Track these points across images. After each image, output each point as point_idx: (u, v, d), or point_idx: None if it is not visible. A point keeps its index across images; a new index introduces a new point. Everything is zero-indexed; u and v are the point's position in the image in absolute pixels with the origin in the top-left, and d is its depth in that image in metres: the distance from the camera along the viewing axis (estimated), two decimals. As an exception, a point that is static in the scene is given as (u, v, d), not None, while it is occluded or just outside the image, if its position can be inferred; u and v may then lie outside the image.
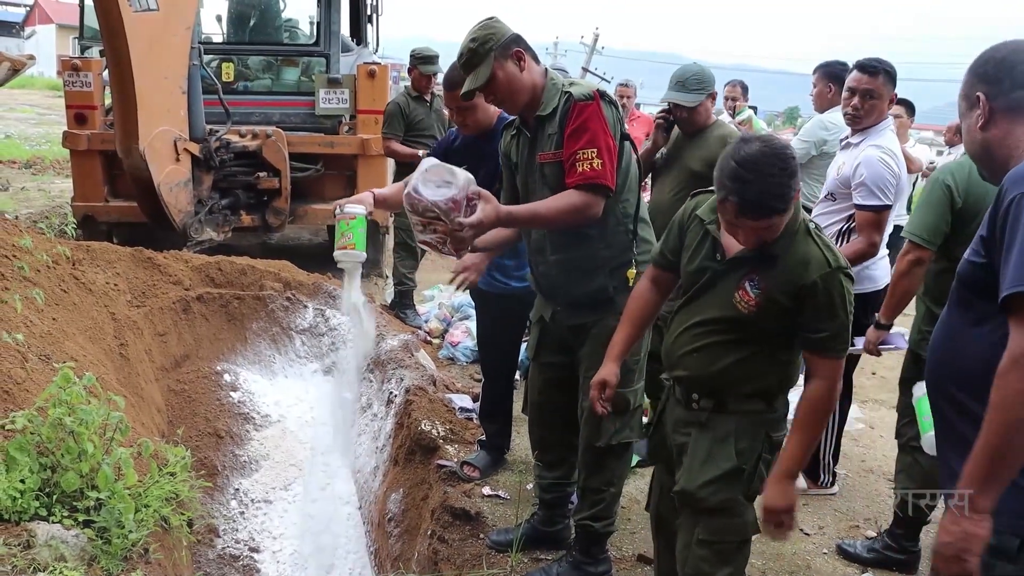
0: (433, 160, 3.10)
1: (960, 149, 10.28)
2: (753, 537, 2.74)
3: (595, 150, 3.00)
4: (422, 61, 6.58)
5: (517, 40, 3.14)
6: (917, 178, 8.60)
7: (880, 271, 4.10)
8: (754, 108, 7.93)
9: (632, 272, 3.18)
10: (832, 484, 4.50)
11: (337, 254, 3.47)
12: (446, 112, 6.67)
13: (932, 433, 2.28)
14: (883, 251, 4.11)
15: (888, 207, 3.89)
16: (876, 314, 3.80)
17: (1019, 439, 1.75)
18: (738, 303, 2.56)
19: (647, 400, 3.60)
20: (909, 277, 3.55)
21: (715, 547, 2.68)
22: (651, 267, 2.94)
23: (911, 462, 3.70)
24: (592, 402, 2.95)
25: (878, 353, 3.91)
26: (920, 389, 3.04)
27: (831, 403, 2.58)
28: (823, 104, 5.11)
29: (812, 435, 2.59)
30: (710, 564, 2.68)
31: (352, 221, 3.39)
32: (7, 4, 63.48)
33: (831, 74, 5.02)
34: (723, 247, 2.62)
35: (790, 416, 2.72)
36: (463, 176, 2.97)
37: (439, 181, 2.96)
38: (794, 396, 2.67)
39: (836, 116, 4.83)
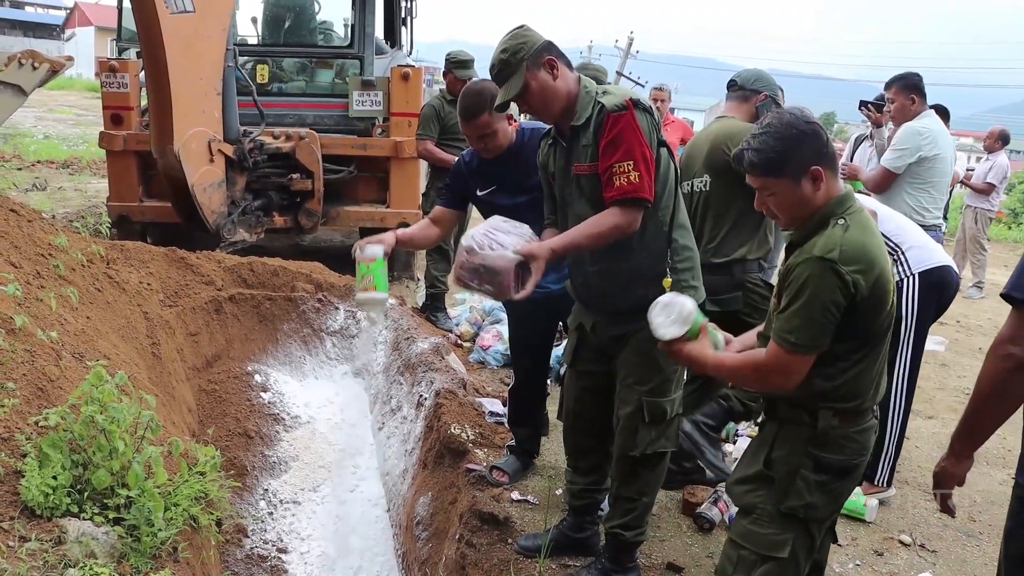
0: (498, 218, 3.18)
1: (999, 156, 10.16)
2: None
3: (632, 162, 2.96)
4: (457, 65, 6.57)
5: (549, 48, 3.10)
6: (954, 188, 8.51)
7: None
8: None
9: (668, 281, 3.11)
10: (889, 485, 4.45)
11: (360, 296, 3.47)
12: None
13: None
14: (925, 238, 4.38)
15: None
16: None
17: (985, 408, 2.31)
18: (773, 298, 2.55)
19: None
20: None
21: (739, 551, 2.62)
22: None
23: None
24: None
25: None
26: None
27: (753, 377, 2.54)
28: (906, 115, 5.09)
29: (732, 365, 2.58)
30: (732, 566, 2.63)
31: (372, 264, 3.38)
32: (48, 7, 64.52)
33: (910, 85, 5.08)
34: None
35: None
36: (525, 235, 3.10)
37: (492, 267, 3.00)
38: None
39: (928, 122, 5.00)
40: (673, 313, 2.63)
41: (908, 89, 5.06)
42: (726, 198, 4.03)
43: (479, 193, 3.90)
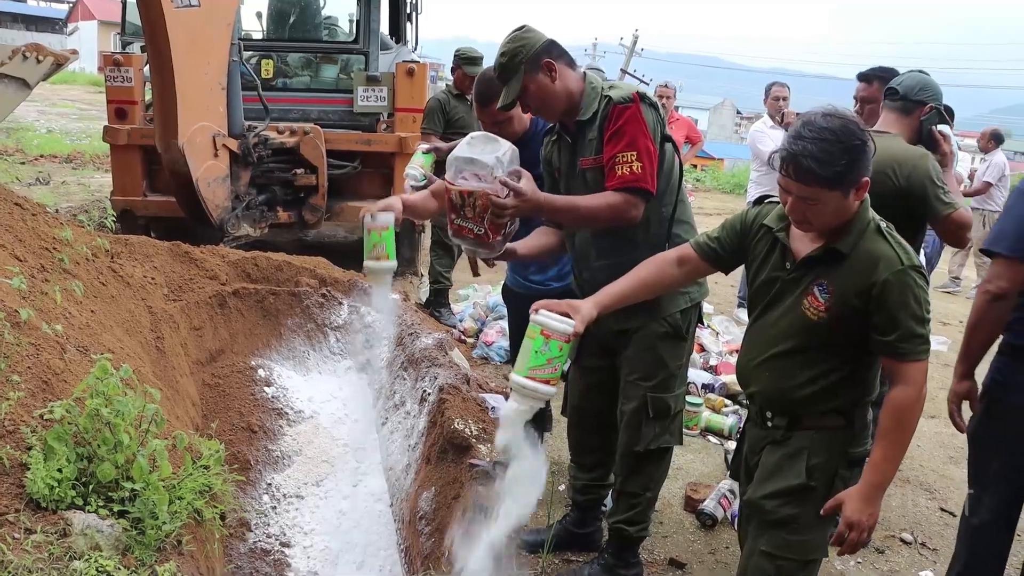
0: (479, 132, 3.10)
1: (995, 155, 10.13)
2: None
3: (635, 153, 2.96)
4: (467, 62, 6.59)
5: (549, 50, 3.10)
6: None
7: None
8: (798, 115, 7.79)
9: None
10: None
11: (371, 265, 3.46)
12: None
13: None
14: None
15: None
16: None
17: (974, 335, 3.08)
18: (807, 310, 2.46)
19: None
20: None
21: (776, 562, 2.58)
22: (687, 246, 2.82)
23: None
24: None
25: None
26: None
27: (917, 410, 2.40)
28: None
29: (899, 445, 2.43)
30: None
31: (384, 232, 3.37)
32: (50, 1, 64.52)
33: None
34: (792, 253, 2.53)
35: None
36: (507, 143, 2.97)
37: (482, 148, 2.95)
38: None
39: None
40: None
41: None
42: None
43: None
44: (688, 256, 2.79)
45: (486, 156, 2.92)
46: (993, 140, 10.40)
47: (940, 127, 3.81)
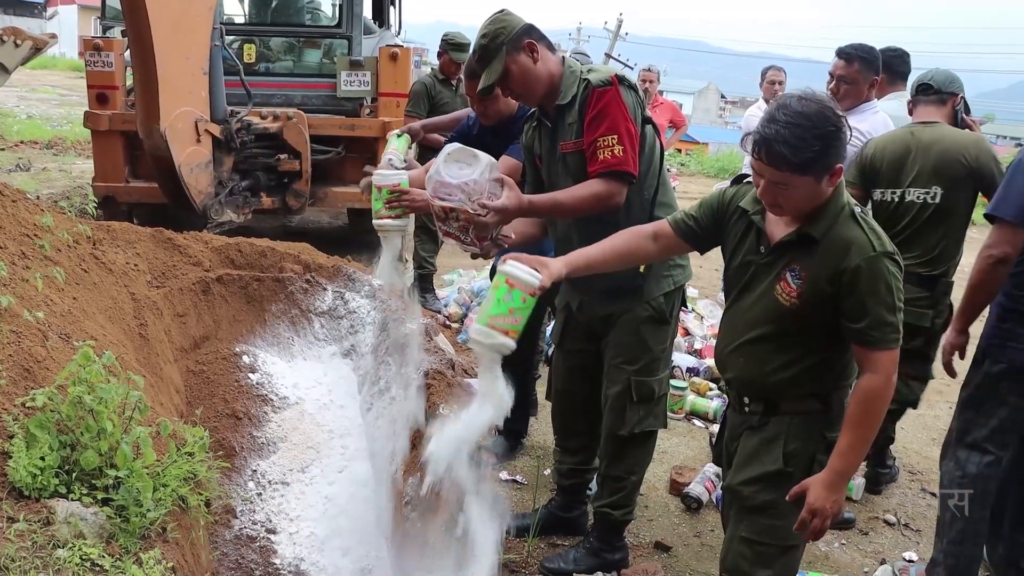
0: (456, 144, 3.07)
1: None
2: None
3: (615, 136, 2.96)
4: (454, 47, 6.57)
5: (529, 31, 3.10)
6: None
7: None
8: None
9: None
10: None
11: (385, 223, 3.45)
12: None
13: None
14: None
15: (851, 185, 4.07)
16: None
17: (974, 295, 3.31)
18: (780, 296, 2.44)
19: None
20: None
21: (756, 547, 2.57)
22: (664, 221, 2.78)
23: None
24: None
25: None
26: None
27: (885, 399, 2.36)
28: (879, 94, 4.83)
29: (865, 434, 2.39)
30: (749, 563, 2.59)
31: (394, 191, 3.37)
32: (30, -15, 63.77)
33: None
34: (767, 237, 2.50)
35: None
36: (486, 159, 2.94)
37: (462, 164, 2.92)
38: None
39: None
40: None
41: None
42: (959, 211, 3.94)
43: None
44: (664, 231, 2.76)
45: (463, 177, 2.90)
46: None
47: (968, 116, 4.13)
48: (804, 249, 2.41)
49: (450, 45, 6.60)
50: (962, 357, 3.48)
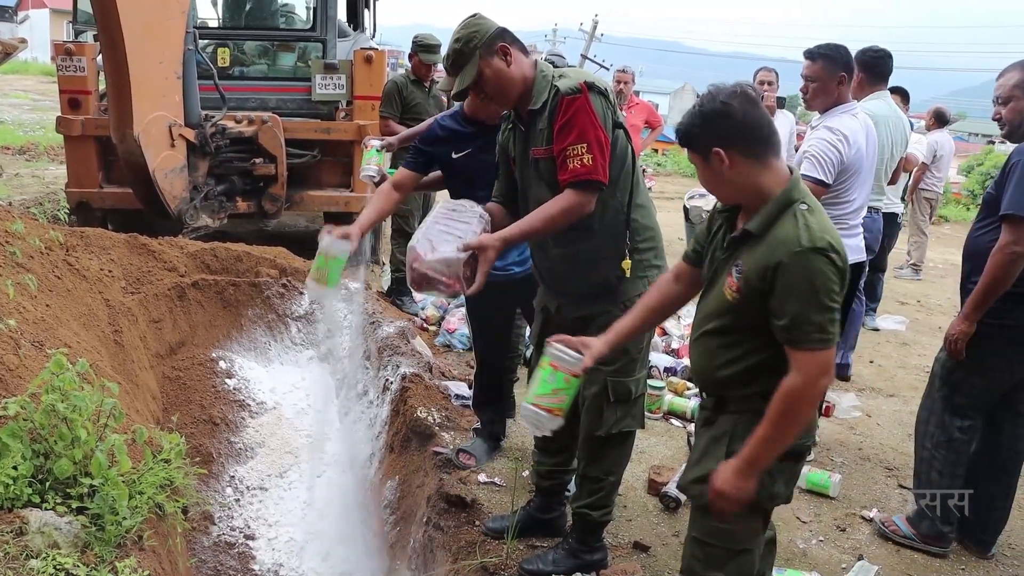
0: (447, 206, 3.19)
1: (938, 135, 9.91)
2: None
3: (585, 144, 2.97)
4: (424, 49, 6.55)
5: (502, 35, 3.11)
6: (909, 175, 8.48)
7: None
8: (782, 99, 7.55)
9: (627, 263, 3.15)
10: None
11: (311, 285, 3.48)
12: (444, 98, 6.66)
13: None
14: (857, 229, 4.25)
15: (823, 184, 4.01)
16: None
17: (992, 288, 3.45)
18: (726, 290, 2.42)
19: None
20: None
21: (706, 548, 2.56)
22: (678, 262, 2.80)
23: None
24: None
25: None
26: None
27: (805, 399, 2.30)
28: (860, 94, 4.94)
29: (782, 431, 2.31)
30: (701, 564, 2.57)
31: (332, 260, 3.37)
32: (1, -11, 63.11)
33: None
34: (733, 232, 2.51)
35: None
36: (475, 220, 3.09)
37: (448, 248, 2.99)
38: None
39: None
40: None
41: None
42: None
43: (454, 156, 3.88)
44: (681, 269, 2.77)
45: (445, 253, 2.96)
46: (936, 119, 10.05)
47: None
48: (747, 244, 2.40)
49: (420, 47, 6.59)
50: (968, 347, 3.65)
